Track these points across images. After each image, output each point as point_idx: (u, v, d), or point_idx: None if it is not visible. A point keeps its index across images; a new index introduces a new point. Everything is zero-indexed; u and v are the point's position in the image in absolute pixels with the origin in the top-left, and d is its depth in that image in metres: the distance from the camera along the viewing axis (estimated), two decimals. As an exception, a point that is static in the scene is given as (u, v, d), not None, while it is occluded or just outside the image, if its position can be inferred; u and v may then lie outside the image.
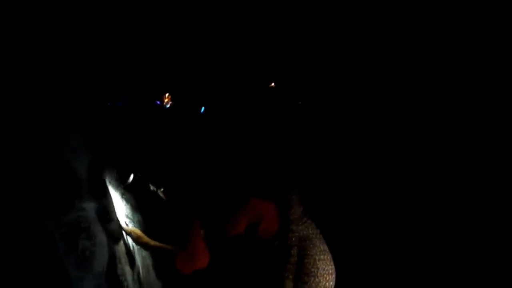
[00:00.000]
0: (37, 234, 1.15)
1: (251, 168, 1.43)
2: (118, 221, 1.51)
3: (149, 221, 1.67)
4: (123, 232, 1.52)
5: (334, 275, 1.40)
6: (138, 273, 1.60)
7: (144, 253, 1.73)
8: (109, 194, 1.51)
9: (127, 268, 1.49)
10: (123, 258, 1.46)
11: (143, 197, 1.61)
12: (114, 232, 1.43)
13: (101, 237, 1.32)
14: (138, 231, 1.51)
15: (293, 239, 1.36)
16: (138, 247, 1.67)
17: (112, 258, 1.36)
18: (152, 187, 1.49)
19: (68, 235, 1.20)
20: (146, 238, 1.48)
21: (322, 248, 1.39)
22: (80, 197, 1.30)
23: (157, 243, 1.45)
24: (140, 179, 1.49)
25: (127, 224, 1.53)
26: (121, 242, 1.49)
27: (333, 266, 1.41)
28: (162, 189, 1.47)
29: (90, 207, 1.31)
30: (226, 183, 1.39)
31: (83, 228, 1.25)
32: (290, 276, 1.34)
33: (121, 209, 1.60)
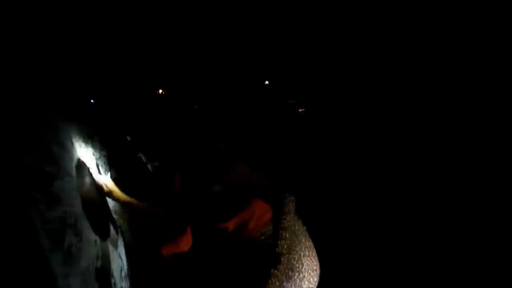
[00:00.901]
0: (22, 229, 1.13)
1: (242, 169, 1.42)
2: (90, 177, 1.49)
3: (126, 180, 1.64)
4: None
5: (318, 271, 1.41)
6: (126, 270, 1.58)
7: (133, 247, 1.71)
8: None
9: (115, 265, 1.47)
10: (111, 255, 1.45)
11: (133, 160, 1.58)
12: (102, 228, 1.42)
13: (88, 233, 1.30)
14: (110, 183, 1.49)
15: (285, 246, 1.35)
16: (128, 241, 1.65)
17: (99, 254, 1.35)
18: (143, 158, 1.46)
19: (54, 231, 1.18)
20: (117, 192, 1.48)
21: (307, 244, 1.40)
22: (67, 192, 1.28)
23: (128, 198, 1.46)
24: (132, 144, 1.47)
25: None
26: (109, 238, 1.47)
27: (318, 263, 1.42)
28: (155, 164, 1.45)
29: (77, 202, 1.30)
30: (230, 181, 1.37)
31: (69, 224, 1.24)
32: (277, 283, 1.33)
33: (93, 161, 1.57)
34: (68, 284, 1.20)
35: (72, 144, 1.40)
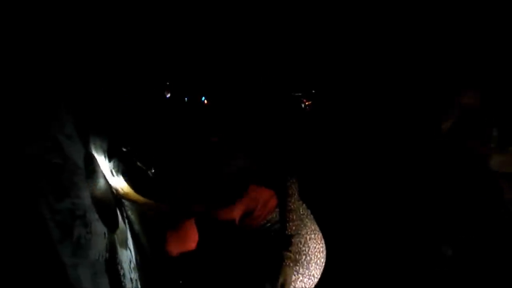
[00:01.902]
0: (31, 221, 1.14)
1: (250, 156, 1.42)
2: (104, 180, 1.49)
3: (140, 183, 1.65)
4: (112, 191, 1.50)
5: (324, 253, 1.43)
6: (135, 261, 1.59)
7: (142, 239, 1.72)
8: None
9: (123, 257, 1.48)
10: (119, 247, 1.45)
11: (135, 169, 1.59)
12: (111, 220, 1.42)
13: (97, 225, 1.31)
14: (125, 186, 1.50)
15: (293, 228, 1.37)
16: (137, 233, 1.66)
17: (108, 246, 1.35)
18: (141, 166, 1.48)
19: (63, 223, 1.19)
20: (134, 194, 1.49)
21: (313, 227, 1.42)
22: (76, 184, 1.28)
23: (144, 199, 1.46)
24: (128, 154, 1.48)
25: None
26: (118, 230, 1.48)
27: (324, 244, 1.44)
28: (152, 170, 1.47)
29: (85, 194, 1.30)
30: (226, 169, 1.38)
31: (78, 216, 1.24)
32: (291, 264, 1.34)
33: (106, 165, 1.58)
34: (78, 275, 1.20)
35: (80, 135, 1.40)
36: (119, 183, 1.51)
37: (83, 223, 1.26)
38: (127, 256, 1.52)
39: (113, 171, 1.53)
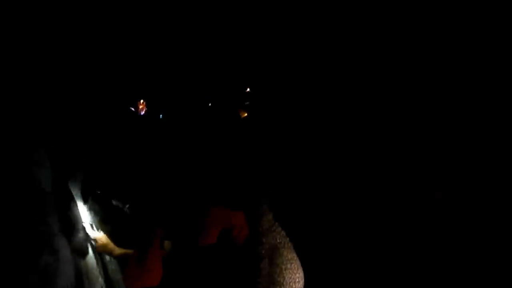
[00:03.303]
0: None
1: (219, 176, 1.42)
2: (84, 232, 1.47)
3: (117, 231, 1.63)
4: (89, 243, 1.49)
5: (302, 282, 1.40)
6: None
7: (114, 266, 1.69)
8: (76, 206, 1.47)
9: (95, 284, 1.45)
10: (90, 274, 1.42)
11: (111, 209, 1.58)
12: (80, 246, 1.39)
13: (65, 252, 1.28)
14: (104, 238, 1.48)
15: (263, 251, 1.35)
16: (106, 260, 1.63)
17: (78, 273, 1.32)
18: (116, 203, 1.47)
19: (29, 251, 1.16)
20: (111, 245, 1.47)
21: (289, 257, 1.38)
22: (43, 210, 1.26)
23: (122, 251, 1.45)
24: (102, 195, 1.47)
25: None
26: (87, 256, 1.45)
27: (301, 273, 1.40)
28: (127, 206, 1.46)
29: (53, 221, 1.27)
30: (194, 193, 1.38)
31: (46, 243, 1.21)
32: None
33: (88, 219, 1.56)
34: (45, 305, 1.17)
35: (49, 161, 1.38)
36: (97, 235, 1.50)
37: (50, 251, 1.22)
38: (98, 283, 1.49)
39: (93, 224, 1.53)
